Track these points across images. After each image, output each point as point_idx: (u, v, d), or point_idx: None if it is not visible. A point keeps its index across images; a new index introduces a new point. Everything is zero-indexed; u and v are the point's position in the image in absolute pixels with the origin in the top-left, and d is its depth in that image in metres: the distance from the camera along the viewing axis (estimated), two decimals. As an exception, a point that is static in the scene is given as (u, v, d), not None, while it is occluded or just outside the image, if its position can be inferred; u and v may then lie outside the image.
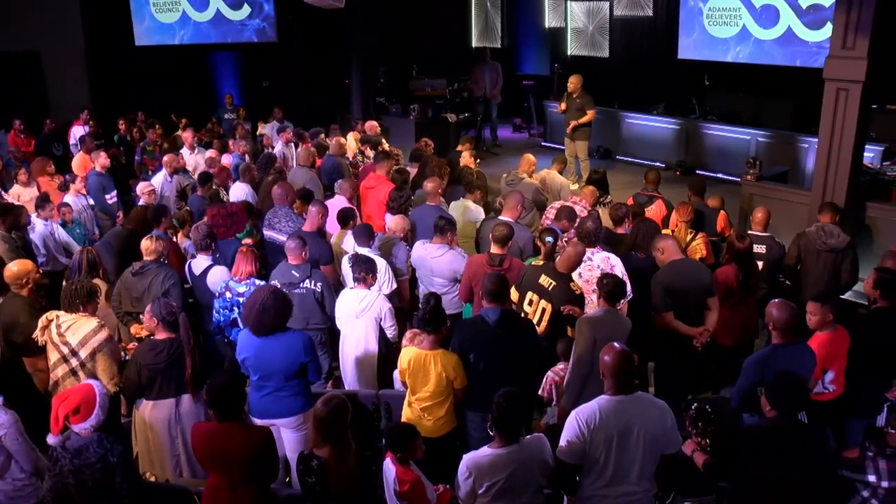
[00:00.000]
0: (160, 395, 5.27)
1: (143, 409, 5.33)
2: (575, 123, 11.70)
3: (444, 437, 5.21)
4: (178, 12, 16.05)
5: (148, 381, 5.21)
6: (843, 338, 5.56)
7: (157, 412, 5.29)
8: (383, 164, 8.91)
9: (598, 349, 4.93)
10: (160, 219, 7.45)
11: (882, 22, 7.62)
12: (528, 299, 5.95)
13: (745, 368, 5.09)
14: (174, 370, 5.22)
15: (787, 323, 5.03)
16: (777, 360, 4.98)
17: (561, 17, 17.50)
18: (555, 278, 5.83)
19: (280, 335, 5.11)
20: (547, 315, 5.80)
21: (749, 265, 6.57)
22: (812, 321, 5.50)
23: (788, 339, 5.06)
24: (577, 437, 4.02)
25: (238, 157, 11.00)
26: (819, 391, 5.62)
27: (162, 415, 5.29)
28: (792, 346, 5.07)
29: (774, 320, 5.07)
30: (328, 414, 4.04)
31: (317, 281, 6.37)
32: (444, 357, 5.07)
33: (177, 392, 5.29)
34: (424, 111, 14.32)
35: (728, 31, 14.43)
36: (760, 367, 5.01)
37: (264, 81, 17.56)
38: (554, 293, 5.78)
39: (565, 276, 5.86)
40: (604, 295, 5.29)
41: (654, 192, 8.44)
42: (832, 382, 5.63)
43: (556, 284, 5.81)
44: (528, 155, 9.11)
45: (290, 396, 5.20)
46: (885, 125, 12.30)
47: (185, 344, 5.19)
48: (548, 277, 5.86)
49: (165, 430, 5.30)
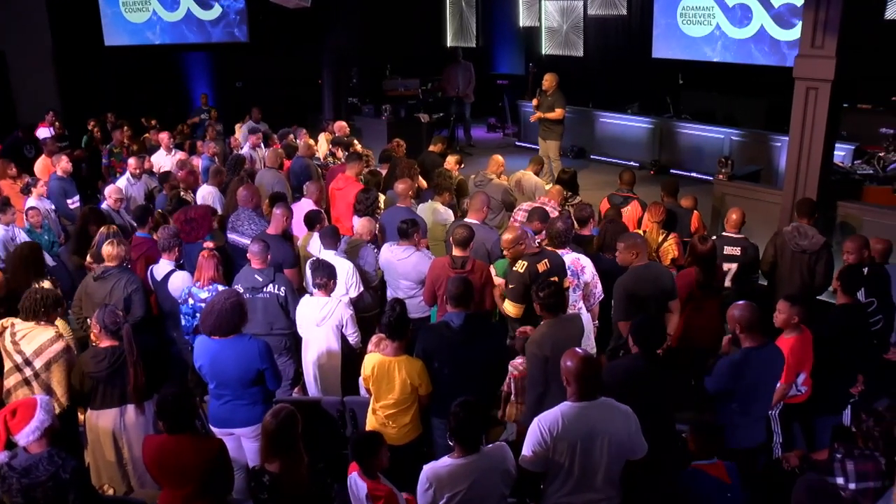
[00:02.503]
0: (103, 404, 5.20)
1: (90, 418, 5.27)
2: (541, 115, 11.60)
3: (410, 445, 5.11)
4: (147, 12, 15.82)
5: (90, 389, 5.14)
6: (808, 339, 5.53)
7: (102, 421, 5.23)
8: (353, 165, 8.78)
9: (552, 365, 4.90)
10: (145, 219, 7.33)
11: (850, 21, 7.60)
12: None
13: (718, 372, 5.02)
14: (117, 379, 5.14)
15: (751, 321, 4.96)
16: (750, 365, 4.93)
17: (535, 17, 17.44)
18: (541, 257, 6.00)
19: (236, 342, 5.01)
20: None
21: (711, 267, 6.47)
22: (778, 319, 5.47)
23: (759, 342, 4.99)
24: (539, 444, 3.93)
25: (207, 158, 10.82)
26: (793, 394, 5.59)
27: (106, 424, 5.22)
28: (763, 348, 5.01)
29: (738, 321, 5.00)
30: (277, 426, 3.92)
31: (280, 285, 6.25)
32: (409, 363, 4.97)
33: (120, 401, 5.21)
34: (397, 111, 14.20)
35: (702, 31, 14.43)
36: (734, 371, 4.95)
37: (238, 82, 17.38)
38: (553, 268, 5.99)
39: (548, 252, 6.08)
40: (544, 308, 5.14)
41: (630, 192, 8.35)
42: (803, 384, 5.60)
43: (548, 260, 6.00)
44: (497, 156, 9.01)
45: (248, 405, 5.10)
46: (857, 124, 12.36)
47: (128, 355, 5.07)
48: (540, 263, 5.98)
49: (110, 440, 5.23)
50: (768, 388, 5.18)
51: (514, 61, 18.54)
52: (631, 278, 5.99)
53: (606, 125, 14.38)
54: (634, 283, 5.95)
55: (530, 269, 5.95)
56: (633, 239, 6.20)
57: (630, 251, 6.05)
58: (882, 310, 6.39)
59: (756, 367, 4.94)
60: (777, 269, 7.17)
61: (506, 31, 18.60)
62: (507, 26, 18.44)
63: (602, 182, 11.81)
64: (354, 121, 14.78)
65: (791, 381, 5.49)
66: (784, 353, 5.22)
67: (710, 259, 6.42)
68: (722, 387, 5.00)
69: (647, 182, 11.62)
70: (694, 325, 6.33)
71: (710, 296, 6.37)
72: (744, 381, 4.93)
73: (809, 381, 5.62)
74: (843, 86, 8.05)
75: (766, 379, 5.08)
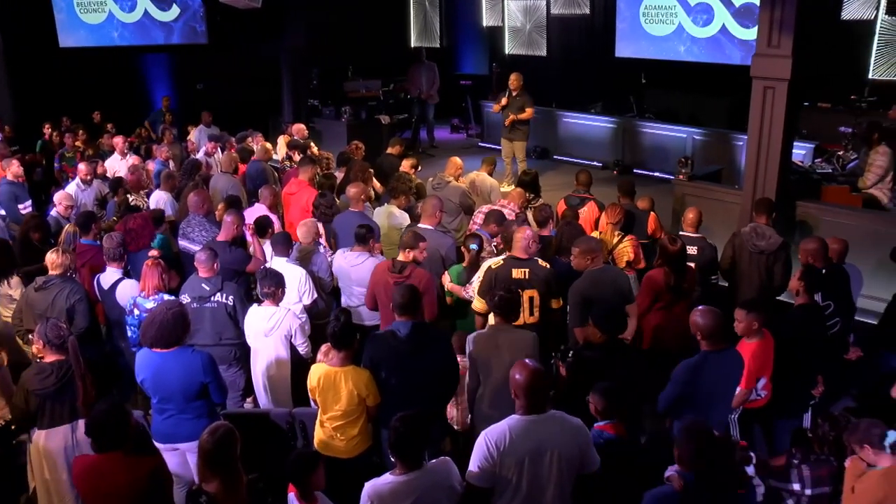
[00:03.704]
0: (53, 422, 4.97)
1: (37, 439, 5.02)
2: (514, 117, 11.46)
3: (359, 458, 4.97)
4: (104, 13, 15.49)
5: (37, 407, 4.90)
6: (770, 343, 5.49)
7: (52, 441, 4.99)
8: (307, 169, 8.61)
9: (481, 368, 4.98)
10: (89, 226, 7.12)
11: (806, 20, 7.57)
12: None
13: (675, 376, 4.93)
14: (66, 394, 4.93)
15: (712, 329, 4.88)
16: (708, 368, 4.85)
17: (498, 16, 17.35)
18: (525, 265, 5.88)
19: (178, 354, 4.85)
20: (536, 302, 5.85)
21: (682, 268, 6.40)
22: (738, 328, 5.43)
23: (718, 346, 4.91)
24: (486, 459, 3.81)
25: (160, 163, 10.59)
26: (752, 398, 5.54)
27: (56, 444, 4.98)
28: (722, 352, 4.93)
29: (700, 328, 4.91)
30: (214, 444, 3.75)
31: (228, 294, 6.08)
32: (355, 374, 4.82)
33: (71, 418, 4.99)
34: (357, 113, 14.00)
35: (664, 30, 14.44)
36: (691, 374, 4.87)
37: (199, 84, 17.08)
38: (533, 279, 5.86)
39: (532, 260, 5.94)
40: (496, 311, 5.05)
41: (586, 193, 8.25)
42: (763, 388, 5.55)
43: (529, 270, 5.87)
44: (455, 158, 8.88)
45: (193, 419, 4.94)
46: (817, 123, 12.43)
47: (75, 368, 4.88)
48: (517, 269, 5.86)
49: (63, 459, 4.99)
50: (726, 395, 5.11)
51: (478, 61, 18.44)
52: (586, 282, 5.90)
53: (570, 125, 14.29)
54: (590, 287, 5.86)
55: (500, 271, 5.88)
56: (589, 243, 6.10)
57: (585, 255, 5.96)
58: (840, 312, 6.34)
59: (714, 371, 4.86)
60: (736, 269, 7.11)
61: (469, 31, 18.49)
62: (470, 26, 18.34)
63: (565, 183, 11.68)
64: (315, 123, 14.58)
65: (752, 387, 5.44)
66: (745, 358, 5.18)
67: (681, 260, 6.35)
68: (679, 392, 4.90)
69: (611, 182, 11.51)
70: (663, 328, 6.27)
71: (680, 298, 6.30)
72: (702, 385, 4.84)
73: (769, 386, 5.57)
74: (801, 85, 8.02)
75: (723, 384, 5.01)
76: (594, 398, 4.51)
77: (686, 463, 3.82)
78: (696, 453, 3.78)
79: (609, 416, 4.47)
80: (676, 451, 3.88)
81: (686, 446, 3.82)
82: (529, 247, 5.95)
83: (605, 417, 4.47)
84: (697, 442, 3.80)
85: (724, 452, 4.05)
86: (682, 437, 3.86)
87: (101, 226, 7.38)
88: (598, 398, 4.49)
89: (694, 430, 3.87)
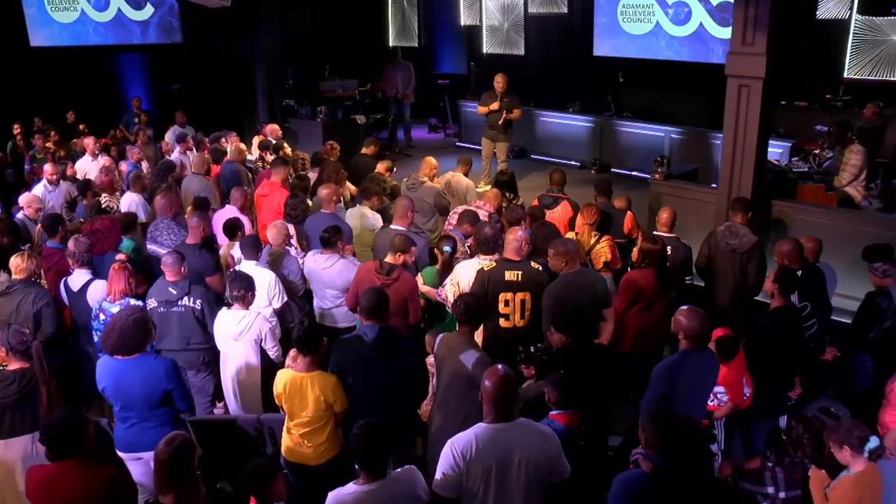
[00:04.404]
0: (13, 432, 4.85)
1: (-5, 449, 4.89)
2: (507, 116, 11.34)
3: (328, 465, 4.86)
4: (76, 11, 15.24)
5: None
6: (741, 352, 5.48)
7: (11, 452, 4.87)
8: (278, 170, 8.49)
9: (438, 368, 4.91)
10: (55, 229, 6.98)
11: (780, 19, 7.54)
12: (502, 301, 5.75)
13: (655, 377, 4.87)
14: (27, 403, 4.82)
15: (697, 331, 4.83)
16: (687, 366, 4.81)
17: (476, 15, 17.24)
18: (518, 267, 5.81)
19: (140, 361, 4.75)
20: (528, 305, 5.79)
21: (662, 269, 6.35)
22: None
23: (696, 347, 4.85)
24: (452, 468, 3.73)
25: (132, 164, 10.43)
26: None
27: (16, 454, 4.87)
28: (701, 352, 4.88)
29: (684, 329, 4.85)
30: (171, 455, 3.64)
31: (196, 298, 5.96)
32: (322, 379, 4.72)
33: (32, 427, 4.86)
34: (333, 113, 13.86)
35: (642, 28, 14.37)
36: (670, 373, 4.81)
37: (174, 84, 16.87)
38: (526, 281, 5.79)
39: (524, 262, 5.89)
40: (460, 318, 4.95)
41: (560, 193, 8.17)
42: (747, 384, 5.52)
43: (522, 272, 5.80)
44: (429, 158, 8.80)
45: (156, 427, 4.83)
46: (793, 121, 12.46)
47: (39, 374, 4.76)
48: (510, 271, 5.79)
49: (21, 471, 4.84)
50: (702, 395, 5.07)
51: (456, 60, 18.33)
52: (561, 286, 5.80)
53: (548, 124, 14.23)
54: (565, 290, 5.75)
55: (493, 273, 5.80)
56: (564, 245, 5.99)
57: (560, 258, 5.87)
58: (816, 313, 6.32)
59: (692, 370, 4.81)
60: (712, 269, 7.08)
61: (447, 30, 18.37)
62: (448, 25, 18.21)
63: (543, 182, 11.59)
64: (290, 123, 14.43)
65: (739, 401, 5.43)
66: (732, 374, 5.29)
67: (663, 259, 6.30)
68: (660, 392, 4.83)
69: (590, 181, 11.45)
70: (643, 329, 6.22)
71: (660, 297, 6.26)
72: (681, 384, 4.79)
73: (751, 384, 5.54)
74: (776, 83, 7.99)
75: (700, 384, 4.97)
76: (548, 389, 4.67)
77: (653, 446, 3.90)
78: (661, 437, 3.86)
79: (563, 407, 4.61)
80: (643, 435, 3.96)
81: (652, 430, 3.89)
82: (521, 248, 5.90)
83: (559, 408, 4.62)
84: (662, 425, 3.89)
85: (690, 433, 4.12)
86: (648, 422, 3.95)
87: (67, 228, 7.22)
88: (552, 389, 4.66)
89: (659, 415, 3.98)
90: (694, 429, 4.28)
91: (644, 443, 3.96)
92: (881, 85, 11.69)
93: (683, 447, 3.92)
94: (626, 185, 10.95)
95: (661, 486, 3.77)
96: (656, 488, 3.77)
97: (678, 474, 3.81)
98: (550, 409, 4.68)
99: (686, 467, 3.87)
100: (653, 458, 3.85)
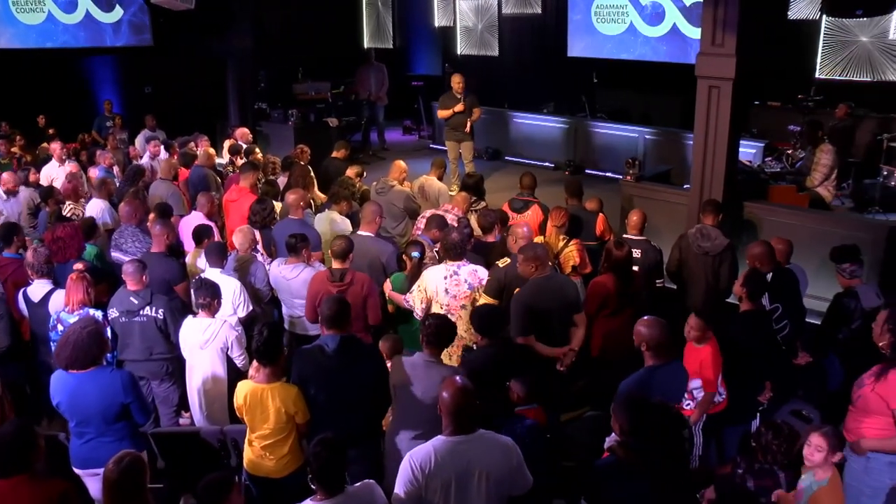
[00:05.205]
0: (-38, 448, 4.69)
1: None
2: (471, 122, 11.29)
3: (291, 478, 4.74)
4: (42, 13, 14.92)
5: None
6: (717, 345, 5.47)
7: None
8: (248, 175, 8.37)
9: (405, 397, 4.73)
10: (11, 238, 6.80)
11: (750, 19, 7.51)
12: None
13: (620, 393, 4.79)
14: (-23, 420, 4.66)
15: (659, 340, 4.78)
16: (654, 382, 4.73)
17: (450, 17, 17.17)
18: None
19: (96, 375, 4.63)
20: None
21: (627, 274, 6.27)
22: (692, 335, 5.41)
23: (663, 359, 4.79)
24: (411, 482, 3.64)
25: (104, 170, 10.26)
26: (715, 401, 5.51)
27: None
28: (667, 366, 4.83)
29: (646, 339, 4.80)
30: (120, 475, 3.53)
31: (158, 307, 5.85)
32: (283, 390, 4.62)
33: (-16, 445, 4.71)
34: (306, 116, 13.71)
35: (616, 29, 14.36)
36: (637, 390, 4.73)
37: (146, 87, 16.66)
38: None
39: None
40: (425, 339, 4.81)
41: (530, 196, 8.10)
42: (721, 385, 5.51)
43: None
44: (399, 161, 8.71)
45: (114, 442, 4.72)
46: (767, 121, 12.49)
47: None
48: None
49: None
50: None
51: (431, 62, 18.25)
52: (530, 291, 5.70)
53: (521, 126, 14.16)
54: (534, 296, 5.67)
55: (509, 269, 5.80)
56: (533, 250, 5.88)
57: (529, 263, 5.75)
58: (787, 315, 6.29)
59: (660, 386, 4.73)
60: (684, 272, 7.04)
61: (422, 31, 18.28)
62: (423, 27, 18.12)
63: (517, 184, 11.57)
64: (262, 126, 14.29)
65: (715, 390, 5.39)
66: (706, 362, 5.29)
67: (627, 265, 6.22)
68: None
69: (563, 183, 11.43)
70: (611, 335, 6.13)
71: (626, 304, 6.17)
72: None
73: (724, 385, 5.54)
74: (747, 84, 7.97)
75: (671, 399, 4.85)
76: (515, 385, 4.79)
77: (626, 433, 3.96)
78: (634, 423, 3.93)
79: (529, 402, 4.76)
80: (616, 423, 4.03)
81: (624, 417, 3.97)
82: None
83: (526, 403, 4.77)
84: (635, 412, 3.96)
85: (662, 418, 4.11)
86: (620, 409, 4.02)
87: (23, 238, 7.05)
88: (519, 385, 4.84)
89: (631, 402, 4.05)
90: (668, 413, 4.22)
91: (618, 430, 4.02)
92: (853, 85, 11.74)
93: (657, 432, 3.95)
94: (601, 187, 10.91)
95: (635, 473, 3.82)
96: (630, 474, 3.82)
97: (652, 460, 3.84)
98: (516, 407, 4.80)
99: (660, 452, 3.89)
100: (628, 443, 3.91)
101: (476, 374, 4.49)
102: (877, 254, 7.39)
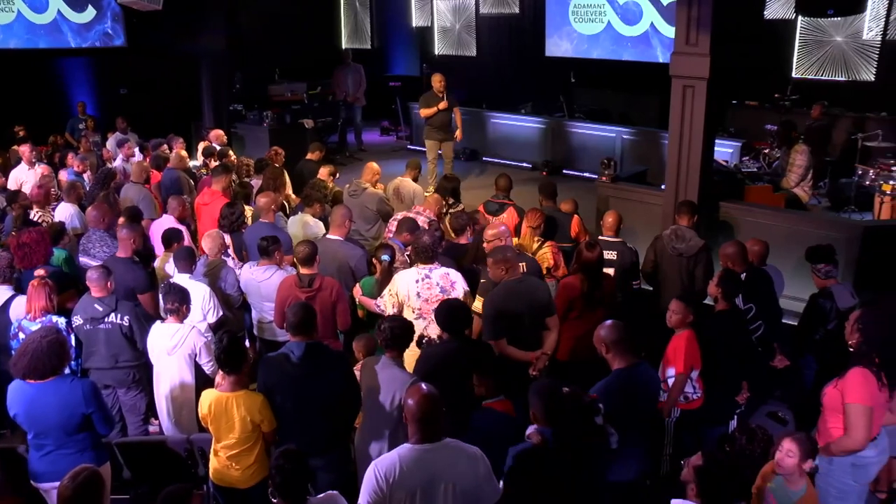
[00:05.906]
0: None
1: None
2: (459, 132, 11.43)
3: (257, 487, 4.64)
4: (11, 12, 14.67)
5: None
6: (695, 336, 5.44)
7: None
8: (220, 178, 8.22)
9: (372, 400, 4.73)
10: None
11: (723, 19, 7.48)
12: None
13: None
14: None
15: (617, 340, 4.69)
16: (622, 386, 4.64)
17: (428, 17, 17.12)
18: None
19: (56, 385, 4.50)
20: None
21: (597, 276, 6.19)
22: (673, 319, 5.42)
23: (628, 362, 4.71)
24: (375, 492, 3.56)
25: (73, 173, 10.09)
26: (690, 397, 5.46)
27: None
28: (634, 368, 4.72)
29: (604, 340, 4.73)
30: (75, 492, 3.43)
31: (124, 314, 5.71)
32: (248, 398, 4.52)
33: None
34: (281, 118, 13.56)
35: (593, 28, 14.39)
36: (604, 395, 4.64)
37: (121, 88, 16.45)
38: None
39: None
40: (385, 344, 4.81)
41: (506, 199, 8.02)
42: (696, 381, 5.46)
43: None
44: (372, 163, 8.61)
45: (74, 454, 4.59)
46: (744, 120, 12.50)
47: None
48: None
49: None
50: (644, 414, 4.88)
51: (409, 62, 18.18)
52: (501, 294, 5.62)
53: (499, 126, 14.12)
54: (504, 299, 5.59)
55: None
56: (504, 252, 5.80)
57: (500, 266, 5.68)
58: (762, 315, 6.25)
59: (628, 389, 4.65)
60: (659, 273, 6.99)
61: (400, 31, 18.22)
62: (400, 27, 18.07)
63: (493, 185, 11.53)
64: (237, 128, 14.13)
65: (686, 372, 5.34)
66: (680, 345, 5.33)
67: (596, 267, 6.13)
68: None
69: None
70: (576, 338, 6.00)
71: (595, 306, 6.08)
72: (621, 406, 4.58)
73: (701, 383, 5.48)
74: (722, 83, 7.92)
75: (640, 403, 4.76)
76: (479, 379, 4.74)
77: (541, 420, 4.13)
78: (547, 410, 4.10)
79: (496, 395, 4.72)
80: (531, 411, 4.19)
81: (538, 405, 4.14)
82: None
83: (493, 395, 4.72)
84: (547, 400, 4.13)
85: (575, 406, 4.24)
86: (534, 397, 4.18)
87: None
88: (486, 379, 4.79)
89: (543, 390, 4.20)
90: (579, 401, 4.26)
91: (533, 417, 4.18)
92: (828, 84, 11.78)
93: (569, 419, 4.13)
94: (579, 187, 10.87)
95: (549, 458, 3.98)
96: (544, 460, 3.97)
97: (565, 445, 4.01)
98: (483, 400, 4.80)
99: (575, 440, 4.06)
100: (544, 430, 4.07)
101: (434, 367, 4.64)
102: (851, 253, 7.39)
